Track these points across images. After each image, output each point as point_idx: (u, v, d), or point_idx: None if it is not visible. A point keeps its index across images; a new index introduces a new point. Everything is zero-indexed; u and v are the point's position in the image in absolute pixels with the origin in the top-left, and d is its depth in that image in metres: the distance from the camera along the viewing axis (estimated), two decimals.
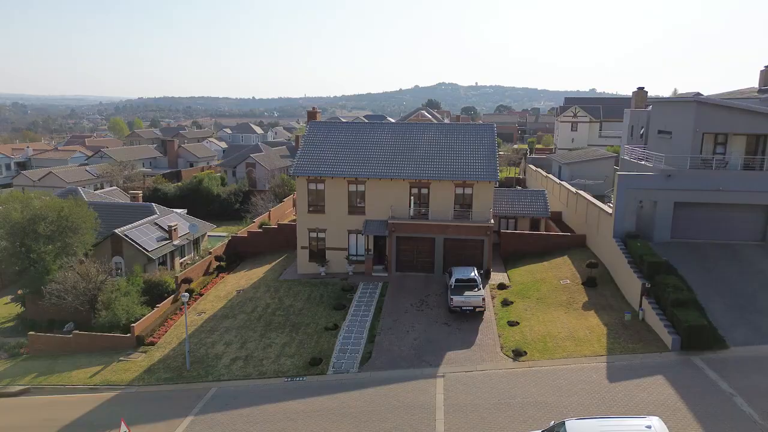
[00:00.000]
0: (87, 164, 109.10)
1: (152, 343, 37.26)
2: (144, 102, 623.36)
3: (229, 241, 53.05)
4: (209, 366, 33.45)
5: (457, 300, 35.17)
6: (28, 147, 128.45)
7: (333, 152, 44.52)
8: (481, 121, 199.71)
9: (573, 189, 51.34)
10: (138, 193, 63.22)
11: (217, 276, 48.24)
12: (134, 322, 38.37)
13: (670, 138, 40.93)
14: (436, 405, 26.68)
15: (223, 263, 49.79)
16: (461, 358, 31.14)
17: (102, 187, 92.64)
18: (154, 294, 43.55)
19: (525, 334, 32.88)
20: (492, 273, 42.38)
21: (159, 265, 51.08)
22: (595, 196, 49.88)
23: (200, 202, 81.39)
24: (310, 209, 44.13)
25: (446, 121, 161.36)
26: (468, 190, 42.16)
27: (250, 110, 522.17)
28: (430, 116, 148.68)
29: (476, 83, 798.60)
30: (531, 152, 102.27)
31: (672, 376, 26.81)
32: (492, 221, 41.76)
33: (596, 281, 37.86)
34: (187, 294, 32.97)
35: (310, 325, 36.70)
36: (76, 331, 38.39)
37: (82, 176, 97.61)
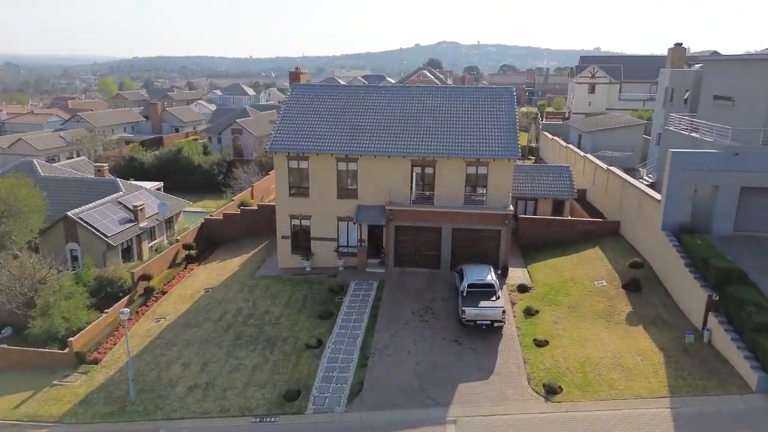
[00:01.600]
0: (63, 129, 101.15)
1: (95, 361, 30.38)
2: (139, 61, 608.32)
3: (202, 224, 45.78)
4: (160, 397, 26.59)
5: (470, 313, 28.11)
6: (1, 110, 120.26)
7: (319, 123, 36.87)
8: (485, 82, 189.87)
9: (603, 165, 43.79)
10: (103, 166, 55.47)
11: (185, 268, 41.16)
12: (77, 333, 31.51)
13: (733, 105, 33.29)
14: None
15: (193, 252, 42.62)
16: (477, 394, 24.25)
17: (78, 156, 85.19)
18: (107, 294, 36.47)
19: (557, 360, 25.91)
20: (509, 268, 35.27)
21: (123, 252, 44.14)
22: (624, 171, 42.51)
23: (179, 173, 74.04)
24: (292, 192, 36.73)
25: (449, 81, 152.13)
26: (482, 170, 34.67)
27: (247, 70, 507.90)
28: (432, 76, 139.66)
29: (478, 42, 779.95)
30: (542, 117, 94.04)
31: None
32: (511, 208, 34.42)
33: (640, 284, 30.77)
34: (126, 310, 25.84)
35: (288, 340, 29.73)
36: (4, 346, 31.46)
37: (55, 143, 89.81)
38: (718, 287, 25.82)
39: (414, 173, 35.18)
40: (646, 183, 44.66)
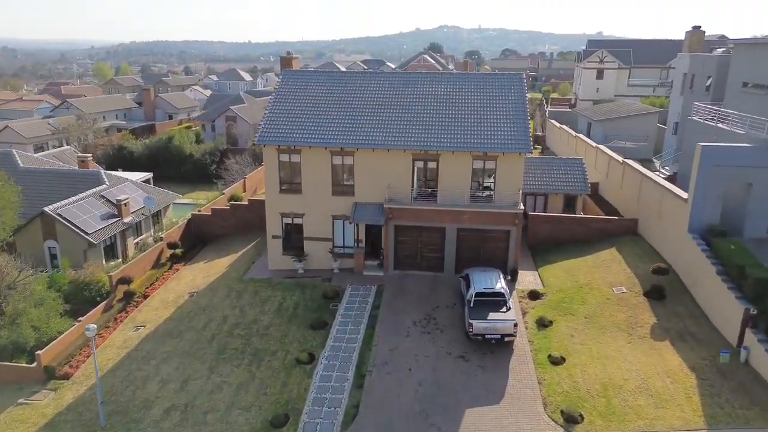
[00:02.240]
0: (52, 116, 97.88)
1: (66, 376, 27.67)
2: (137, 46, 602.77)
3: (189, 220, 42.93)
4: (133, 420, 23.93)
5: (478, 326, 25.35)
6: None
7: (312, 112, 33.88)
8: (487, 67, 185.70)
9: (618, 157, 40.83)
10: (87, 157, 52.54)
11: (170, 268, 38.36)
12: (48, 344, 28.81)
13: (767, 94, 30.27)
14: None
15: (178, 251, 39.77)
16: (487, 423, 21.56)
17: (68, 144, 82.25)
18: (83, 298, 33.78)
19: (576, 381, 23.19)
20: (519, 271, 32.48)
21: (107, 249, 41.36)
22: (638, 162, 39.70)
23: (171, 163, 71.09)
24: (283, 188, 33.84)
25: (451, 66, 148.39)
26: (490, 164, 31.77)
27: (246, 54, 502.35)
28: (433, 61, 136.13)
29: (479, 26, 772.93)
30: (547, 103, 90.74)
31: None
32: (521, 206, 31.54)
33: (664, 292, 27.99)
34: (93, 326, 23.07)
35: (277, 354, 27.01)
36: None
37: (43, 131, 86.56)
38: (756, 300, 23.06)
39: (415, 168, 32.29)
40: (663, 176, 41.85)
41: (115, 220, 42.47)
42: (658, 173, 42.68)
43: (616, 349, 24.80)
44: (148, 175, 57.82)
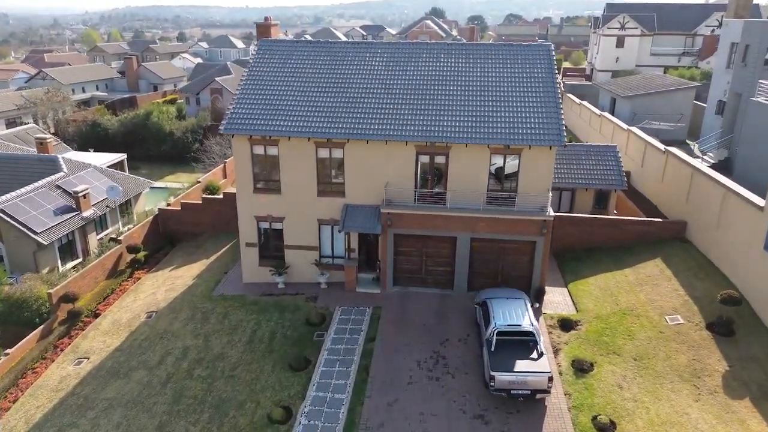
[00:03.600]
0: (28, 87, 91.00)
1: None
2: (131, 11, 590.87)
3: (156, 217, 37.00)
4: None
5: (502, 380, 19.56)
6: None
7: (294, 94, 27.62)
8: (492, 34, 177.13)
9: (659, 144, 34.65)
10: (46, 139, 46.18)
11: (130, 277, 32.63)
12: None
13: None
14: None
15: (140, 255, 33.96)
16: None
17: (42, 119, 75.96)
18: (22, 319, 28.10)
19: None
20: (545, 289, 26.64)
21: (64, 248, 35.67)
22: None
23: (149, 142, 64.83)
24: (258, 187, 27.77)
25: (454, 33, 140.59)
26: (512, 160, 25.67)
27: (242, 20, 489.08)
28: (435, 27, 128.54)
29: None
30: (559, 73, 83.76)
31: None
32: (551, 212, 25.49)
33: (733, 325, 22.20)
34: None
35: (245, 406, 21.34)
36: None
37: (14, 105, 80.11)
38: None
39: (419, 164, 26.20)
40: (707, 164, 35.81)
41: (72, 214, 36.68)
42: (702, 161, 36.62)
43: (682, 409, 19.10)
44: (121, 156, 51.82)
